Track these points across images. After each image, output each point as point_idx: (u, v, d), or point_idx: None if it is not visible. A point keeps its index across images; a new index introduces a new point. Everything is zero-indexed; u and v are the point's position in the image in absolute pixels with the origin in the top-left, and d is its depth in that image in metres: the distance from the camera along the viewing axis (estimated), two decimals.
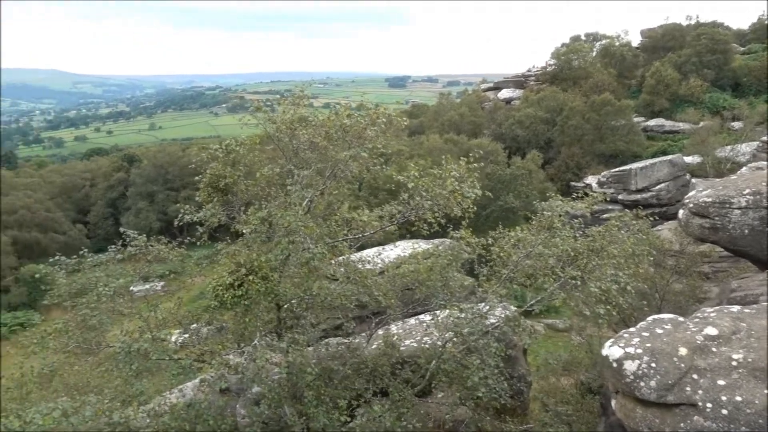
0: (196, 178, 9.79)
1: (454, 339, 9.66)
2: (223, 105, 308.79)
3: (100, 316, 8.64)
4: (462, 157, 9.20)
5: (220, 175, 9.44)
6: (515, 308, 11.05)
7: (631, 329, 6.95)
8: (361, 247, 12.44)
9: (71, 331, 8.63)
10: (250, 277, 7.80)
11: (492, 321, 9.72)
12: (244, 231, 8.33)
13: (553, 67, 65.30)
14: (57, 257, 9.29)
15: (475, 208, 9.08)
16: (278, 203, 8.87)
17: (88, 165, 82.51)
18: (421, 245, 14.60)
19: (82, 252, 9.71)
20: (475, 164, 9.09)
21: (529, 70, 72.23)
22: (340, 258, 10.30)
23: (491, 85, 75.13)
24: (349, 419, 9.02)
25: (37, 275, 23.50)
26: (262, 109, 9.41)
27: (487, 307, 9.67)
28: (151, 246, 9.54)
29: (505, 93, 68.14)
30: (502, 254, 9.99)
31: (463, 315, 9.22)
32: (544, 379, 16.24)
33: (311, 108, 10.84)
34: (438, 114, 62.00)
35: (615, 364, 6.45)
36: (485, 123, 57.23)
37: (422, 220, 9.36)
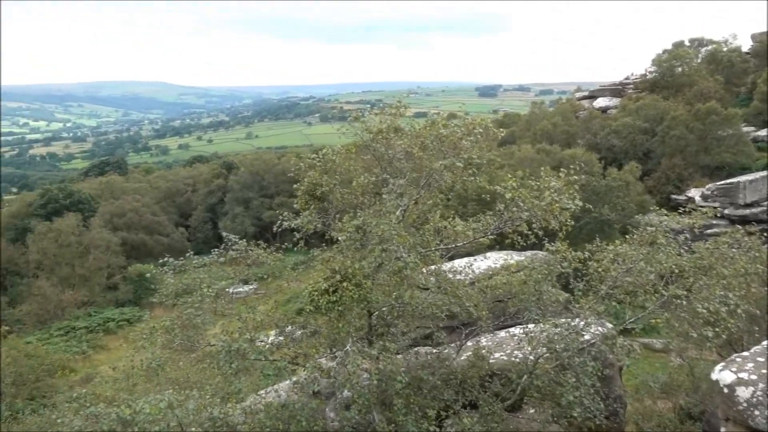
0: (294, 186, 10.13)
1: (547, 355, 9.42)
2: (316, 114, 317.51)
3: (204, 316, 9.10)
4: (561, 169, 9.00)
5: (317, 183, 9.73)
6: (612, 326, 10.64)
7: (744, 353, 6.52)
8: (451, 257, 12.41)
9: (176, 329, 9.13)
10: (345, 284, 7.98)
11: (587, 338, 9.40)
12: (339, 238, 8.54)
13: (654, 74, 62.46)
14: (166, 258, 9.86)
15: (573, 221, 8.85)
16: (372, 211, 9.03)
17: (190, 171, 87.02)
18: (513, 257, 14.36)
19: (188, 254, 10.27)
20: (576, 176, 8.86)
21: (627, 78, 69.48)
22: (432, 267, 10.32)
23: (586, 93, 72.94)
24: (437, 430, 9.00)
25: (147, 274, 25.01)
26: (360, 118, 9.63)
27: (583, 323, 9.37)
28: (251, 250, 9.95)
29: (601, 102, 65.92)
30: (600, 269, 9.65)
31: (557, 330, 8.98)
32: (640, 401, 15.52)
33: (405, 118, 10.96)
34: (530, 123, 60.85)
35: (726, 390, 6.06)
36: (579, 132, 55.58)
37: (517, 232, 9.22)
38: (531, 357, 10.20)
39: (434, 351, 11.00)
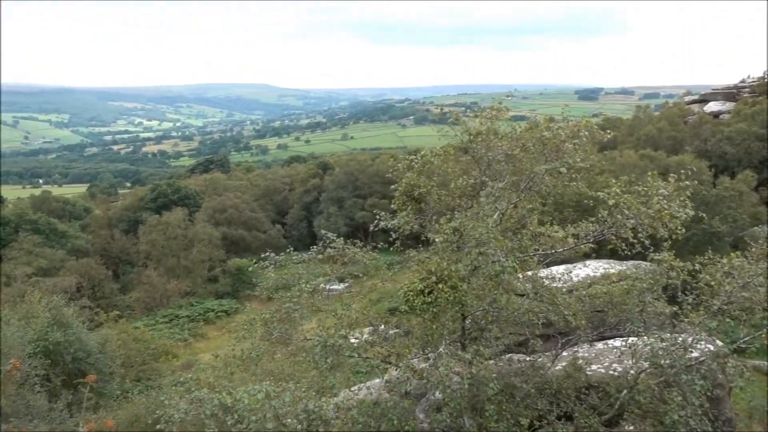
0: (392, 186, 10.23)
1: (650, 370, 8.97)
2: (411, 117, 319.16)
3: (301, 311, 9.37)
4: (672, 174, 8.54)
5: (415, 184, 9.77)
6: (722, 344, 9.98)
7: None
8: (548, 264, 12.09)
9: (275, 322, 9.46)
10: (440, 286, 7.96)
11: (696, 355, 8.87)
12: (435, 239, 8.54)
13: None
14: (267, 253, 10.23)
15: (684, 229, 8.37)
16: (470, 214, 8.95)
17: (288, 171, 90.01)
18: (614, 266, 13.80)
19: (288, 250, 10.60)
20: (687, 182, 8.38)
21: (742, 81, 64.89)
22: (528, 273, 10.10)
23: (696, 97, 68.76)
24: None
25: (250, 269, 26.08)
26: (461, 120, 9.58)
27: (691, 339, 8.84)
28: (348, 249, 10.14)
29: (712, 106, 61.92)
30: (713, 283, 9.07)
31: (663, 344, 8.53)
32: (748, 427, 14.49)
33: (504, 121, 10.78)
34: (633, 128, 58.18)
35: None
36: (687, 139, 52.52)
37: (620, 239, 8.85)
38: (632, 371, 9.75)
39: (528, 359, 10.76)
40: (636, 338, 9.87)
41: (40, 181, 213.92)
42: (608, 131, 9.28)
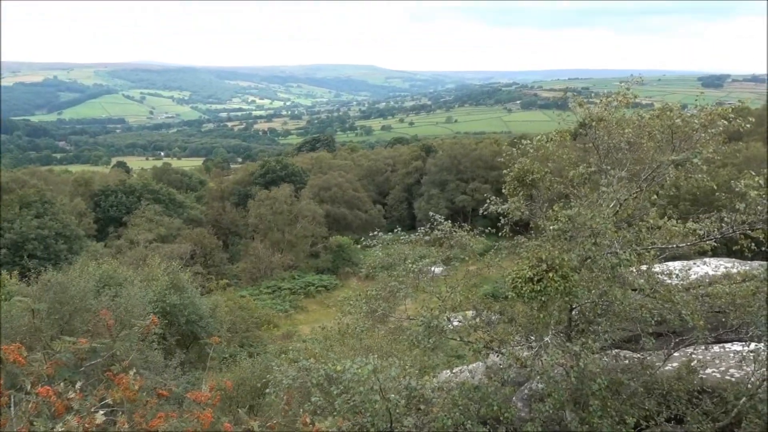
0: (504, 171, 10.02)
1: None
2: (517, 101, 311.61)
3: (406, 290, 9.45)
4: None
5: (528, 170, 9.52)
6: None
7: None
8: (665, 259, 11.45)
9: (381, 300, 9.60)
10: (550, 274, 7.74)
11: None
12: (550, 227, 8.29)
13: None
14: (376, 232, 10.36)
15: None
16: (586, 203, 8.61)
17: (391, 152, 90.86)
18: (737, 265, 12.84)
19: (396, 230, 10.70)
20: None
21: None
22: (643, 267, 9.61)
23: None
24: None
25: (358, 246, 26.67)
26: (584, 105, 9.20)
27: None
28: (455, 232, 10.07)
29: None
30: None
31: None
32: None
33: (624, 107, 10.22)
34: (763, 118, 53.65)
35: None
36: None
37: (749, 238, 8.20)
38: (753, 378, 9.09)
39: (637, 356, 10.28)
40: (760, 344, 9.17)
41: (162, 153, 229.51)
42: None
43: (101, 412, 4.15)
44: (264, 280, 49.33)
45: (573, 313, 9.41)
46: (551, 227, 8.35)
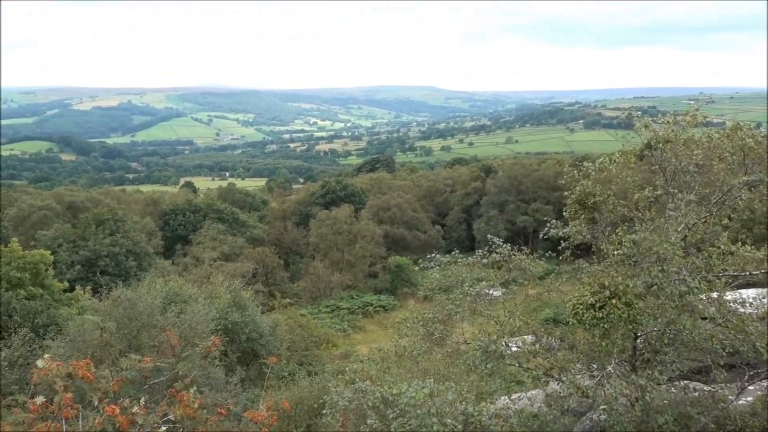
0: (565, 193, 9.82)
1: None
2: (580, 121, 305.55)
3: (463, 313, 9.35)
4: None
5: (590, 192, 9.30)
6: None
7: None
8: (736, 287, 10.91)
9: (437, 323, 9.54)
10: (613, 301, 7.51)
11: None
12: (613, 252, 8.05)
13: None
14: (433, 254, 10.33)
15: None
16: (652, 227, 8.33)
17: (450, 173, 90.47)
18: None
19: (454, 252, 10.64)
20: None
21: None
22: (713, 295, 9.19)
23: None
24: None
25: (417, 267, 26.70)
26: (649, 126, 8.95)
27: None
28: (514, 255, 9.93)
29: None
30: None
31: None
32: None
33: (692, 126, 9.87)
34: None
35: None
36: None
37: None
38: None
39: (707, 389, 9.79)
40: None
41: (227, 174, 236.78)
42: None
43: (163, 428, 4.27)
44: (323, 299, 49.74)
45: (638, 341, 9.07)
46: (615, 252, 8.11)
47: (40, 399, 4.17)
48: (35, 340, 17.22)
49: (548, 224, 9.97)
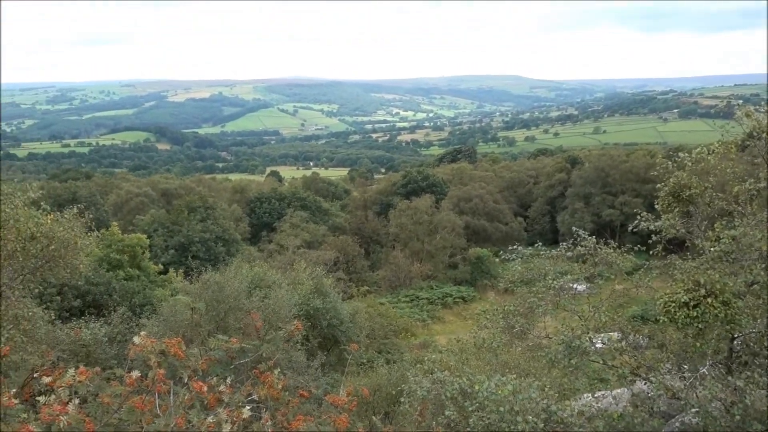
0: (658, 185, 9.34)
1: None
2: (674, 110, 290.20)
3: (545, 307, 9.12)
4: None
5: (685, 184, 8.80)
6: None
7: None
8: None
9: (519, 316, 9.35)
10: (709, 300, 7.09)
11: None
12: (710, 248, 7.59)
13: None
14: (515, 246, 10.13)
15: None
16: (753, 222, 7.79)
17: (534, 164, 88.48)
18: None
19: (537, 245, 10.39)
20: None
21: None
22: None
23: None
24: None
25: (496, 259, 26.38)
26: (751, 115, 8.36)
27: None
28: (600, 248, 9.57)
29: None
30: None
31: None
32: None
33: None
34: None
35: None
36: None
37: None
38: None
39: None
40: None
41: (311, 163, 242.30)
42: None
43: (248, 408, 4.41)
44: (403, 289, 50.01)
45: (734, 343, 8.54)
46: (711, 248, 7.64)
47: (135, 373, 4.41)
48: (132, 318, 18.32)
49: (639, 217, 9.52)
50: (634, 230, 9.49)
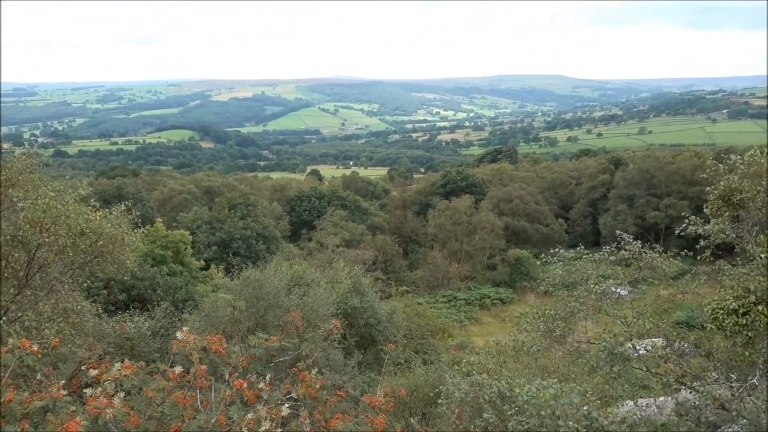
0: (707, 188, 9.06)
1: None
2: (724, 111, 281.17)
3: (587, 311, 8.95)
4: None
5: (736, 188, 8.51)
6: None
7: None
8: None
9: (559, 320, 9.20)
10: (760, 308, 6.84)
11: None
12: (761, 254, 7.32)
13: None
14: (557, 249, 9.97)
15: None
16: None
17: (576, 164, 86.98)
18: None
19: (579, 247, 10.20)
20: None
21: None
22: None
23: None
24: None
25: (540, 261, 25.98)
26: None
27: None
28: (644, 253, 9.33)
29: None
30: None
31: None
32: None
33: None
34: None
35: None
36: None
37: None
38: None
39: None
40: None
41: (351, 162, 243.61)
42: None
43: (286, 405, 4.45)
44: (440, 289, 49.81)
45: None
46: (763, 254, 7.37)
47: (178, 369, 4.50)
48: (174, 313, 18.73)
49: (686, 220, 9.24)
50: (681, 234, 9.23)
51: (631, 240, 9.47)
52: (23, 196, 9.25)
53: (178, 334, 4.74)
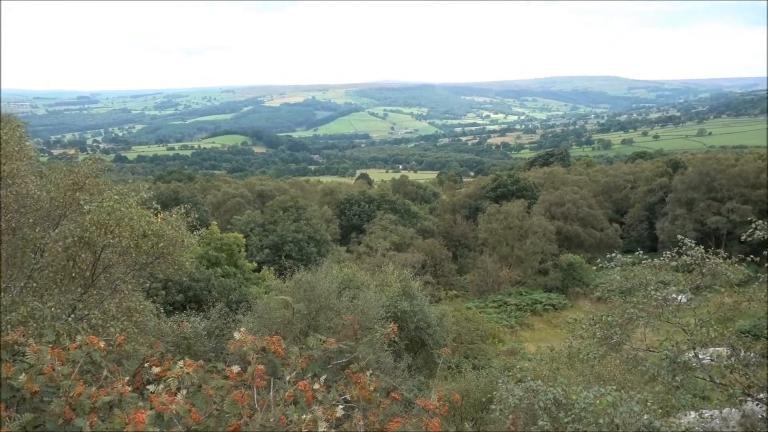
0: None
1: None
2: None
3: (646, 318, 8.69)
4: None
5: None
6: None
7: None
8: None
9: (617, 327, 8.96)
10: None
11: None
12: None
13: None
14: (614, 254, 9.73)
15: None
16: None
17: (631, 168, 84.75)
18: None
19: (637, 252, 9.93)
20: None
21: None
22: None
23: None
24: None
25: (594, 267, 25.47)
26: None
27: None
28: (707, 258, 9.00)
29: None
30: None
31: None
32: None
33: None
34: None
35: None
36: None
37: None
38: None
39: None
40: None
41: (400, 166, 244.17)
42: None
43: (341, 407, 4.49)
44: (490, 294, 49.33)
45: None
46: None
47: (236, 368, 4.60)
48: (228, 314, 19.14)
49: (753, 225, 8.87)
50: (748, 239, 8.86)
51: (693, 245, 9.15)
52: (89, 199, 9.66)
53: (236, 334, 4.84)
